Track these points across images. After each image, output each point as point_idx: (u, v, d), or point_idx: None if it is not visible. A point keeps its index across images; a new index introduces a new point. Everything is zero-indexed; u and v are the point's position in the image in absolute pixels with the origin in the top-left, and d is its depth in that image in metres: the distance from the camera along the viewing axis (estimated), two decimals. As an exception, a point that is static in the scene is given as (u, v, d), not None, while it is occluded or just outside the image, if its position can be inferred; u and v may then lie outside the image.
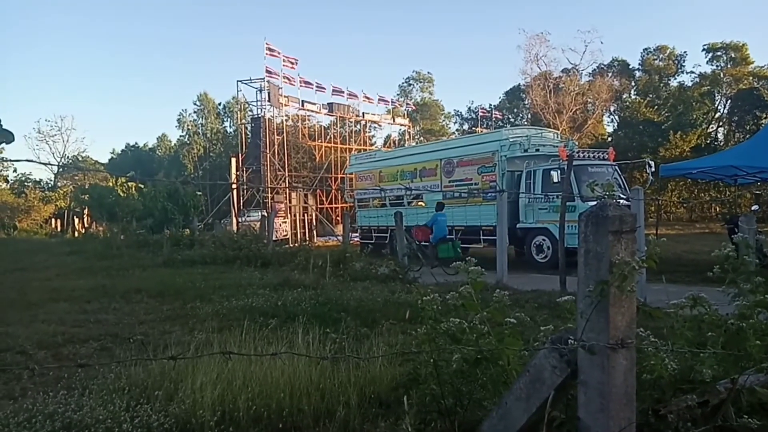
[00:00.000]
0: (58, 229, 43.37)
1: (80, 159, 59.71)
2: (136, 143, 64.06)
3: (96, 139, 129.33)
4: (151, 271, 12.00)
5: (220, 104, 53.55)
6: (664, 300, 2.96)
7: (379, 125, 41.26)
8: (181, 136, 55.49)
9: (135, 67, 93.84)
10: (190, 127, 53.18)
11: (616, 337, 1.88)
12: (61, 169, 53.96)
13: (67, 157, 59.11)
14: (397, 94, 55.17)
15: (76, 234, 35.69)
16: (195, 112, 53.14)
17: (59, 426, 2.97)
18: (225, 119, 54.35)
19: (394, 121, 39.26)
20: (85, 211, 38.90)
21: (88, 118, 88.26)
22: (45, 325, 6.20)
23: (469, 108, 55.28)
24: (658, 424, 2.17)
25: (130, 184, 32.99)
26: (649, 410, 2.19)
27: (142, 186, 31.22)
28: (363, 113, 36.24)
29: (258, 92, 29.84)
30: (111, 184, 35.59)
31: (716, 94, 42.07)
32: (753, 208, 19.14)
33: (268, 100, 28.90)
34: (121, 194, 32.55)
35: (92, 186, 37.52)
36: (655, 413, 2.19)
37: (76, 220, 40.52)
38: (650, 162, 15.14)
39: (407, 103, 47.66)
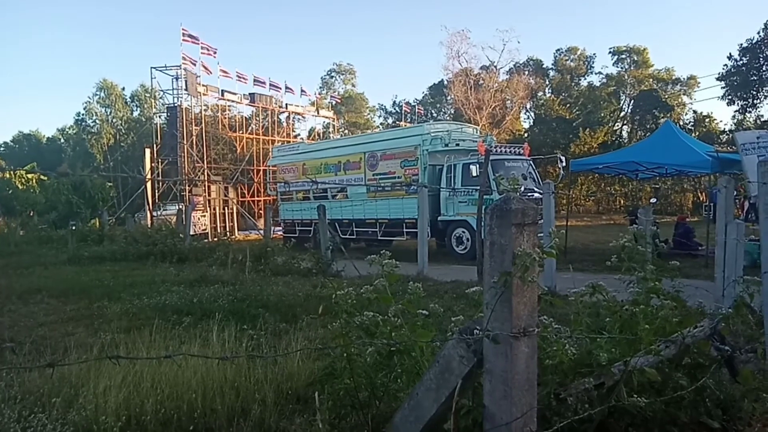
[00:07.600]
0: (-54, 224, 39.32)
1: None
2: (31, 131, 58.91)
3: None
4: (54, 269, 11.24)
5: (123, 89, 50.20)
6: (573, 288, 3.12)
7: (303, 117, 40.62)
8: (86, 125, 51.68)
9: (31, 52, 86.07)
10: (97, 116, 49.67)
11: (519, 326, 1.95)
12: None
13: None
14: (320, 87, 54.64)
15: (-32, 230, 32.52)
16: (98, 101, 49.52)
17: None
18: (134, 108, 51.18)
19: (318, 113, 38.77)
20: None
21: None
22: (-76, 332, 5.61)
23: (394, 102, 55.74)
24: (559, 407, 2.29)
25: (29, 175, 30.47)
26: (551, 394, 2.30)
27: (45, 178, 28.93)
28: (286, 104, 35.48)
29: (174, 80, 28.34)
30: (8, 176, 32.70)
31: (621, 94, 45.17)
32: (651, 200, 20.77)
33: (185, 89, 27.57)
34: (20, 186, 30.01)
35: (-14, 177, 34.28)
36: (556, 397, 2.30)
37: (-33, 215, 36.88)
38: (561, 157, 15.97)
39: (332, 96, 47.21)
